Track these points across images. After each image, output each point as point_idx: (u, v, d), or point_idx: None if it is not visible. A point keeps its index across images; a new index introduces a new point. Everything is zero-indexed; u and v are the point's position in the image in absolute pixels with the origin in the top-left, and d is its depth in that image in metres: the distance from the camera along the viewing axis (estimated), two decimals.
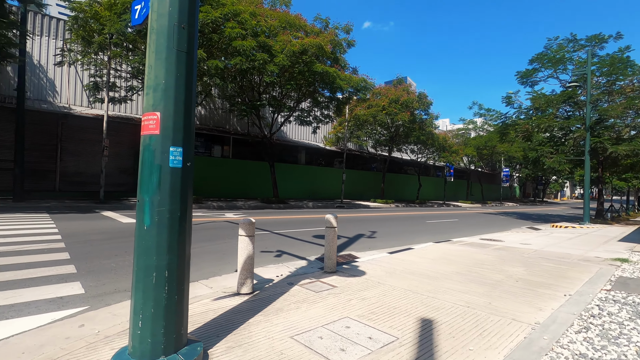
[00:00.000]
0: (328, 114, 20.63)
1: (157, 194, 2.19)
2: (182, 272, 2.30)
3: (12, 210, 10.17)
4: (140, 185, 2.23)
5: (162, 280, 2.19)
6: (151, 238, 2.18)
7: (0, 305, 3.21)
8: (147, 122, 2.23)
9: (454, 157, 30.92)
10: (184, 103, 2.28)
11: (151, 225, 2.18)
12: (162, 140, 2.20)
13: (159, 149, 2.20)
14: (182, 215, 2.28)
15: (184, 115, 2.28)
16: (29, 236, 6.26)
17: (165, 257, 2.20)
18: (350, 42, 17.76)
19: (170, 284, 2.22)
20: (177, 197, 2.24)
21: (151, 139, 2.21)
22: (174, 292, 2.24)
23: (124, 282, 4.10)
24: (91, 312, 3.18)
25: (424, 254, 6.51)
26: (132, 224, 8.42)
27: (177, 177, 2.25)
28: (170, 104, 2.22)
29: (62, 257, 4.93)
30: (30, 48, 14.80)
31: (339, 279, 4.59)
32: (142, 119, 2.28)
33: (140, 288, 2.18)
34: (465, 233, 10.80)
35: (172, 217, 2.22)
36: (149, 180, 2.20)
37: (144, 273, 2.18)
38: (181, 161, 2.26)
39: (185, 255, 2.33)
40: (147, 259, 2.18)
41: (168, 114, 2.22)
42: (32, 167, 14.72)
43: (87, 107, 16.40)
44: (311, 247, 7.00)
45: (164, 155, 2.20)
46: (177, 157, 2.24)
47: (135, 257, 2.23)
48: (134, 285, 2.22)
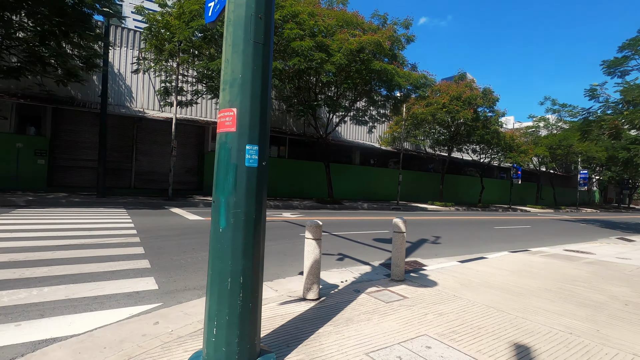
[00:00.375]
0: (384, 112, 20.04)
1: (232, 195, 2.07)
2: (256, 278, 2.16)
3: (96, 205, 11.25)
4: (215, 185, 2.13)
5: (236, 286, 2.06)
6: (226, 241, 2.06)
7: (87, 297, 3.39)
8: (223, 118, 2.12)
9: (522, 158, 28.31)
10: (260, 98, 2.14)
11: (226, 227, 2.07)
12: (238, 138, 2.08)
13: (235, 147, 2.07)
14: (257, 218, 2.14)
15: (260, 111, 2.14)
16: (110, 230, 6.78)
17: (240, 261, 2.07)
18: (409, 38, 17.05)
19: (245, 290, 2.09)
20: (252, 199, 2.11)
21: (227, 136, 2.10)
22: (249, 299, 2.11)
23: (193, 280, 4.16)
24: (164, 310, 3.22)
25: (501, 265, 5.86)
26: (197, 221, 8.80)
27: (253, 177, 2.11)
28: (246, 100, 2.09)
29: (137, 252, 5.20)
30: (112, 58, 16.36)
31: (409, 289, 4.23)
32: (218, 116, 2.19)
33: (215, 293, 2.08)
34: (542, 242, 9.69)
35: (248, 219, 2.09)
36: (224, 180, 2.09)
37: (218, 277, 2.07)
38: (257, 160, 2.12)
39: (260, 260, 2.19)
40: (221, 262, 2.07)
41: (244, 110, 2.09)
42: (112, 166, 16.27)
43: (158, 111, 17.73)
44: (373, 251, 6.69)
45: (240, 153, 2.07)
46: (253, 155, 2.10)
47: (210, 260, 2.14)
48: (208, 289, 2.13)
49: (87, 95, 15.93)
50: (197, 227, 7.88)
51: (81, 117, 15.83)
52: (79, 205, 10.85)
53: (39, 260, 4.47)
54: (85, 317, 2.97)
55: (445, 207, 22.94)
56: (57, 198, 11.54)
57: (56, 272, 4.03)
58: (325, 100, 17.10)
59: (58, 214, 8.41)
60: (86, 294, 3.47)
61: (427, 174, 29.15)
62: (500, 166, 33.26)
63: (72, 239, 5.73)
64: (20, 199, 10.55)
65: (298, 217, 11.44)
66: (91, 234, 6.23)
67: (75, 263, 4.44)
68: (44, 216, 7.97)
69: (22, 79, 13.19)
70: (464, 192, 31.20)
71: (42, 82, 13.54)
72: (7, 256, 4.54)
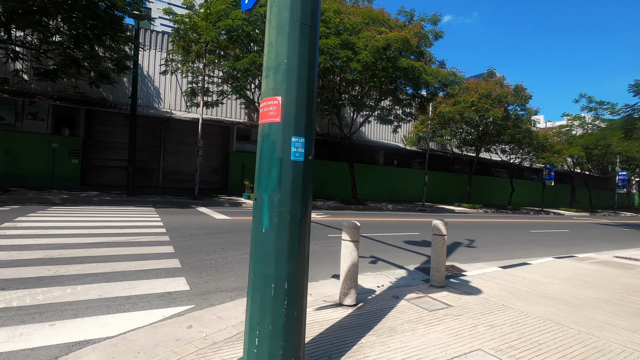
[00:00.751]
0: (410, 112, 19.53)
1: (277, 192, 1.87)
2: (301, 284, 1.96)
3: (126, 203, 11.48)
4: (258, 181, 1.94)
5: (281, 292, 1.87)
6: (270, 242, 1.87)
7: (120, 297, 3.31)
8: (267, 108, 1.93)
9: (556, 158, 26.92)
10: (307, 85, 1.94)
11: (270, 227, 1.87)
12: (283, 129, 1.88)
13: (280, 139, 1.88)
14: (303, 217, 1.94)
15: (307, 99, 1.94)
16: (140, 228, 6.81)
17: (285, 265, 1.87)
18: (437, 34, 16.52)
19: (290, 297, 1.89)
20: (298, 196, 1.91)
21: (271, 127, 1.91)
22: (293, 307, 1.91)
23: (224, 281, 4.03)
24: (197, 312, 3.09)
25: (548, 272, 5.42)
26: (224, 221, 8.76)
27: (299, 172, 1.91)
28: (292, 87, 1.90)
29: (167, 251, 5.15)
30: (141, 60, 16.76)
31: (452, 297, 3.93)
32: (260, 106, 2.00)
33: (257, 299, 1.89)
34: (586, 247, 9.03)
35: (293, 219, 1.89)
36: (268, 176, 1.90)
37: (261, 283, 1.88)
38: (303, 154, 1.92)
39: (305, 264, 1.99)
40: (265, 266, 1.88)
41: (290, 98, 1.89)
42: (141, 165, 16.65)
43: (185, 112, 18.02)
44: (406, 254, 6.39)
45: (285, 146, 1.88)
46: (299, 148, 1.90)
47: (251, 263, 1.96)
48: (250, 294, 1.94)
49: (117, 96, 16.38)
50: (225, 227, 7.82)
51: (112, 118, 16.30)
52: (109, 203, 11.10)
53: (73, 257, 4.48)
54: (118, 318, 2.87)
55: (473, 210, 22.13)
56: (90, 196, 11.87)
57: (89, 270, 4.00)
58: (350, 99, 16.83)
59: (90, 212, 8.59)
60: (119, 293, 3.39)
61: (452, 175, 28.28)
62: (531, 167, 31.85)
63: (104, 237, 5.77)
64: (56, 197, 10.91)
65: (324, 218, 11.24)
66: (122, 232, 6.26)
67: (107, 261, 4.42)
68: (77, 214, 8.15)
69: (58, 81, 13.70)
70: (492, 194, 30.05)
71: (77, 85, 14.02)
72: (42, 253, 4.58)
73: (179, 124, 17.55)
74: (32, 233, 5.69)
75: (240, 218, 9.52)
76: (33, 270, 3.84)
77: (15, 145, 13.95)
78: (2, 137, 13.75)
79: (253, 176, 14.96)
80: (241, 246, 5.90)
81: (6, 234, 5.47)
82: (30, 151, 14.16)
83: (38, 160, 14.29)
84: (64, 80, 13.56)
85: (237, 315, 3.10)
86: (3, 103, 13.90)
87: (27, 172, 14.11)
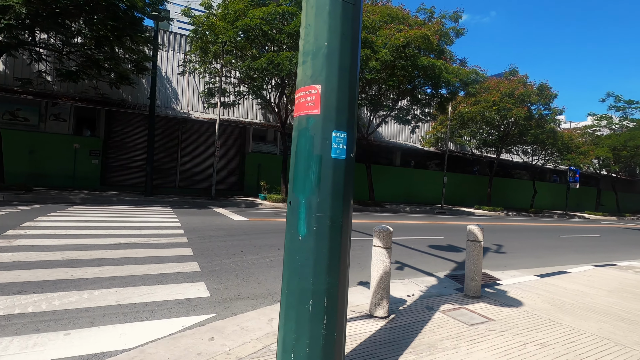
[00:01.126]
0: (429, 112, 19.06)
1: (315, 195, 1.63)
2: (342, 300, 1.71)
3: (144, 203, 11.50)
4: (293, 181, 1.71)
5: (320, 310, 1.63)
6: (307, 252, 1.63)
7: (138, 303, 3.14)
8: (304, 98, 1.69)
9: (582, 160, 25.84)
10: (350, 72, 1.70)
11: (307, 235, 1.63)
12: (322, 123, 1.64)
13: (319, 134, 1.64)
14: (345, 224, 1.69)
15: (349, 89, 1.70)
16: (158, 229, 6.71)
17: (324, 278, 1.63)
18: (459, 31, 16.04)
19: (330, 316, 1.64)
20: (339, 200, 1.66)
21: (309, 120, 1.67)
22: (333, 327, 1.66)
23: (245, 287, 3.82)
24: (219, 322, 2.88)
25: (591, 282, 5.01)
26: (242, 222, 8.60)
27: (340, 172, 1.67)
28: (333, 74, 1.65)
29: (186, 253, 4.99)
30: (160, 62, 16.89)
31: (491, 309, 3.61)
32: (296, 96, 1.76)
33: (292, 318, 1.65)
34: (624, 254, 8.48)
35: (333, 225, 1.65)
36: (305, 176, 1.66)
37: (297, 298, 1.64)
38: (345, 151, 1.67)
39: (346, 277, 1.74)
40: (301, 280, 1.64)
41: (331, 87, 1.65)
42: (159, 166, 16.76)
43: (202, 112, 18.08)
44: (432, 259, 6.06)
45: (324, 142, 1.64)
46: (341, 145, 1.66)
47: (285, 275, 1.72)
48: (284, 311, 1.71)
49: (137, 97, 16.55)
50: (243, 228, 7.65)
51: (131, 118, 16.47)
52: (128, 203, 11.13)
53: (91, 259, 4.36)
54: (136, 328, 2.69)
55: (494, 212, 21.43)
56: (109, 196, 11.95)
57: (107, 273, 3.86)
58: (369, 99, 16.53)
59: (109, 212, 8.58)
60: (137, 299, 3.22)
61: (471, 177, 27.53)
62: (555, 169, 30.74)
63: (122, 238, 5.67)
64: (76, 197, 11.01)
65: None
66: (140, 233, 6.16)
67: (125, 264, 4.28)
68: (97, 214, 8.14)
69: (79, 83, 13.90)
70: (513, 197, 29.11)
71: (97, 86, 14.22)
72: (61, 254, 4.48)
73: (196, 124, 17.61)
74: (51, 233, 5.64)
75: (258, 219, 9.36)
76: (50, 273, 3.72)
77: (39, 146, 14.22)
78: (26, 137, 14.04)
79: (269, 177, 14.76)
80: (261, 249, 5.70)
81: (26, 234, 5.43)
82: (53, 151, 14.41)
83: (60, 160, 14.54)
84: (85, 82, 13.77)
85: (261, 326, 2.88)
86: (28, 104, 14.21)
87: (50, 172, 14.37)
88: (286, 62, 11.90)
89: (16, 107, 14.20)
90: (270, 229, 7.91)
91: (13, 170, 12.96)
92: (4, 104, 13.97)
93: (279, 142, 19.65)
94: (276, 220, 9.47)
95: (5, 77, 13.92)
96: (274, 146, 19.95)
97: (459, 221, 14.14)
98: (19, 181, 12.67)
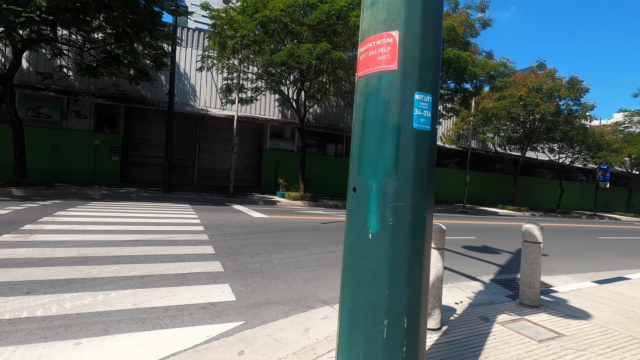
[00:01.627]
0: (452, 107, 18.34)
1: (392, 178, 1.22)
2: (424, 320, 1.29)
3: (163, 200, 11.34)
4: (359, 160, 1.30)
5: (398, 333, 1.21)
6: (381, 255, 1.22)
7: (157, 307, 2.80)
8: (374, 50, 1.28)
9: (614, 158, 24.48)
10: (436, 13, 1.27)
11: (381, 232, 1.22)
12: (402, 82, 1.23)
13: (397, 96, 1.23)
14: (428, 217, 1.28)
15: (435, 36, 1.27)
16: (178, 225, 6.44)
17: (404, 291, 1.22)
18: (485, 22, 15.35)
19: (411, 341, 1.23)
20: (422, 185, 1.25)
21: (381, 79, 1.25)
22: (415, 354, 1.24)
23: (274, 290, 3.45)
24: (248, 332, 2.50)
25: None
26: (263, 219, 8.27)
27: (424, 148, 1.25)
28: (416, 16, 1.24)
29: (207, 252, 4.67)
30: (178, 58, 16.80)
31: (556, 321, 3.12)
32: (360, 50, 1.35)
33: (359, 343, 1.24)
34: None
35: (416, 219, 1.23)
36: (377, 152, 1.25)
37: (367, 317, 1.23)
38: (429, 120, 1.25)
39: (428, 290, 1.33)
40: (373, 291, 1.23)
41: (413, 33, 1.23)
42: (177, 163, 16.68)
43: (219, 109, 17.91)
44: (471, 262, 5.56)
45: (404, 107, 1.22)
46: (425, 111, 1.24)
47: (348, 285, 1.32)
48: (347, 332, 1.30)
49: (155, 94, 16.50)
50: (264, 226, 7.32)
51: (150, 115, 16.44)
52: (147, 199, 10.99)
53: (107, 257, 4.08)
54: (155, 337, 2.34)
55: (519, 212, 20.51)
56: (128, 192, 11.86)
57: (124, 272, 3.55)
58: None
59: (128, 208, 8.39)
60: (156, 302, 2.89)
61: (493, 175, 26.53)
62: (584, 167, 29.35)
63: (141, 234, 5.40)
64: (96, 193, 10.94)
65: None
66: (159, 229, 5.89)
67: (143, 262, 3.97)
68: (116, 209, 7.96)
69: (100, 80, 13.91)
70: (537, 196, 27.92)
71: (117, 82, 14.18)
72: (77, 250, 4.22)
73: (214, 121, 17.46)
74: (68, 228, 5.42)
75: (278, 217, 9.01)
76: (64, 271, 3.44)
77: (61, 142, 14.31)
78: (49, 134, 14.15)
79: (286, 174, 14.40)
80: (285, 248, 5.33)
81: (43, 229, 5.23)
82: (74, 148, 14.48)
83: (81, 156, 14.60)
84: (105, 79, 13.75)
85: (296, 337, 2.49)
86: (50, 101, 14.32)
87: (71, 168, 14.44)
88: (306, 54, 11.52)
89: (39, 104, 14.33)
90: (292, 226, 7.55)
91: (36, 167, 13.05)
92: (27, 102, 14.12)
93: (296, 139, 19.32)
94: (297, 218, 9.10)
95: (28, 74, 14.07)
96: (291, 143, 19.63)
97: (486, 221, 13.45)
98: (42, 177, 12.74)
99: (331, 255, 5.12)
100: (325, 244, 5.88)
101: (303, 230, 7.18)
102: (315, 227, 7.81)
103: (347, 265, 1.32)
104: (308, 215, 10.07)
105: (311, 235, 6.70)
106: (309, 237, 6.39)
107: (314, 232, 7.10)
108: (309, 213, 10.68)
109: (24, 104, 14.04)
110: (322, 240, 6.21)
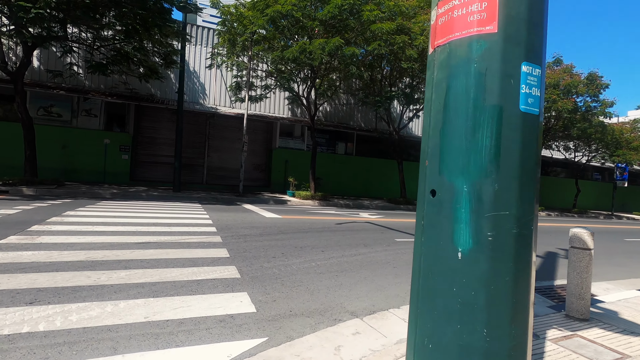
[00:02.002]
0: None
1: (491, 177, 0.92)
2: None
3: (173, 199, 11.16)
4: (441, 154, 0.99)
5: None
6: (475, 282, 0.92)
7: (171, 320, 2.53)
8: (461, 8, 0.97)
9: (633, 156, 23.69)
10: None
11: (476, 250, 0.92)
12: (503, 48, 0.92)
13: (496, 67, 0.93)
14: (535, 231, 0.96)
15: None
16: (189, 226, 6.20)
17: (507, 329, 0.91)
18: None
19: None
20: (531, 188, 0.93)
21: (474, 46, 0.95)
22: None
23: (296, 300, 3.16)
24: (273, 352, 2.22)
25: None
26: (275, 220, 8.01)
27: (533, 138, 0.94)
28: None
29: (221, 255, 4.40)
30: (187, 56, 16.63)
31: (614, 338, 2.77)
32: (439, 12, 1.04)
33: None
34: None
35: (522, 233, 0.92)
36: (469, 142, 0.94)
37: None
38: (538, 100, 0.94)
39: (532, 326, 1.01)
40: (465, 329, 0.92)
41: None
42: (187, 162, 16.52)
43: (229, 107, 17.72)
44: None
45: (507, 82, 0.92)
46: (535, 89, 0.94)
47: (426, 319, 1.01)
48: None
49: (165, 92, 16.36)
50: (278, 227, 7.04)
51: (160, 114, 16.30)
52: (157, 199, 10.82)
53: (117, 260, 3.84)
54: (170, 358, 2.07)
55: None
56: (138, 192, 11.71)
57: (134, 279, 3.30)
58: (404, 90, 15.62)
59: (138, 207, 8.20)
60: (169, 314, 2.62)
61: None
62: (602, 166, 28.55)
63: (151, 236, 5.17)
64: (106, 192, 10.80)
65: (378, 218, 10.20)
66: (170, 230, 5.65)
67: (155, 267, 3.72)
68: (125, 209, 7.77)
69: (110, 78, 13.78)
70: (552, 195, 27.20)
71: (127, 81, 14.05)
72: (85, 254, 3.99)
73: (223, 119, 17.26)
74: (77, 229, 5.21)
75: (291, 217, 8.74)
76: (71, 277, 3.20)
77: (71, 141, 14.24)
78: (59, 133, 14.09)
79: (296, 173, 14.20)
80: (303, 251, 5.05)
81: (51, 230, 5.02)
82: (84, 147, 14.40)
83: (91, 155, 14.52)
84: (115, 77, 13.63)
85: (327, 358, 2.20)
86: (60, 100, 14.26)
87: (81, 167, 14.37)
88: (319, 50, 11.22)
89: (50, 103, 14.28)
90: (306, 227, 7.26)
91: (47, 166, 12.99)
92: (38, 100, 14.07)
93: (306, 137, 19.05)
94: (310, 218, 8.82)
95: (39, 73, 14.02)
96: (301, 142, 19.36)
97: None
98: (52, 176, 12.67)
99: (351, 259, 4.82)
100: (343, 247, 5.58)
101: (318, 231, 6.89)
102: (330, 228, 7.51)
103: (423, 291, 1.02)
104: (321, 215, 9.77)
105: (328, 236, 6.40)
106: (325, 239, 6.10)
107: (330, 233, 6.80)
108: (322, 213, 10.39)
109: (35, 102, 13.99)
110: (339, 243, 5.91)
